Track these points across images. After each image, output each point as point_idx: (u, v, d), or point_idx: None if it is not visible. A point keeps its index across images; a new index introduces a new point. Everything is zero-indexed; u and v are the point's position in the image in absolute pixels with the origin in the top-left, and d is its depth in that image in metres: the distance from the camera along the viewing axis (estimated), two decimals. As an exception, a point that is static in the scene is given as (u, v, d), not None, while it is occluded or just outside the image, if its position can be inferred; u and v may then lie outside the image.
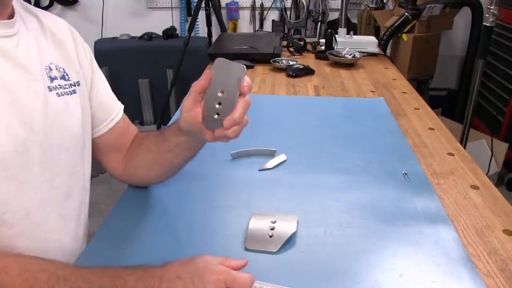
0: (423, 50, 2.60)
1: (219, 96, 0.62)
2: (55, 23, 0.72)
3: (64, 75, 0.69)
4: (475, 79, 1.93)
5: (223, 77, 0.62)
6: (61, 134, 0.66)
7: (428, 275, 0.64)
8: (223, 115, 0.63)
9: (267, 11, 3.24)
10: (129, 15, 3.23)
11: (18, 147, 0.59)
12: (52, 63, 0.68)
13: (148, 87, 2.98)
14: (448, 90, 3.16)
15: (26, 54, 0.62)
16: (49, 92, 0.65)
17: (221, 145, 1.08)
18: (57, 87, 0.67)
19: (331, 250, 0.70)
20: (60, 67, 0.69)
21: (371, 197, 0.85)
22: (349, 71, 1.75)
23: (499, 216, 0.79)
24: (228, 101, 0.62)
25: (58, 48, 0.70)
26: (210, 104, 0.63)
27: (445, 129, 1.18)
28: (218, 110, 0.63)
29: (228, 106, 0.62)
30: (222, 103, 0.62)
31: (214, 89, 0.62)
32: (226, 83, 0.62)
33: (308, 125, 1.21)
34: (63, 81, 0.68)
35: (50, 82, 0.66)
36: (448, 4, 2.52)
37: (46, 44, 0.68)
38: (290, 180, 0.91)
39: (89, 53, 0.78)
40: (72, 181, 0.71)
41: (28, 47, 0.63)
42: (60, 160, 0.67)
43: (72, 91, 0.70)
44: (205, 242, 0.72)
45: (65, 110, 0.68)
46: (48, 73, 0.66)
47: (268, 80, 1.62)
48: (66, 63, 0.71)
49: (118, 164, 0.83)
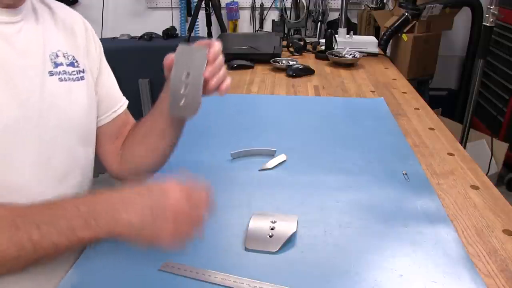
0: (423, 50, 2.60)
1: (184, 80, 0.62)
2: (68, 14, 0.77)
3: (73, 62, 0.73)
4: (475, 79, 1.93)
5: (186, 61, 0.62)
6: (59, 116, 0.68)
7: (428, 275, 0.64)
8: (188, 99, 0.62)
9: (267, 11, 3.24)
10: (129, 15, 3.23)
11: (10, 127, 0.60)
12: (60, 50, 0.71)
13: (148, 87, 2.98)
14: (448, 90, 3.16)
15: (27, 40, 0.65)
16: (50, 77, 0.68)
17: (221, 145, 1.08)
18: (61, 72, 0.70)
19: (331, 250, 0.70)
20: (69, 55, 0.73)
21: (371, 197, 0.85)
22: (349, 71, 1.75)
23: (499, 216, 0.79)
24: (194, 83, 0.62)
25: (68, 37, 0.74)
26: (176, 88, 0.63)
27: (445, 129, 1.18)
28: (184, 94, 0.63)
29: (193, 89, 0.62)
30: (188, 87, 0.62)
31: (179, 74, 0.62)
32: (190, 66, 0.62)
33: (308, 125, 1.21)
34: (70, 68, 0.72)
35: (54, 67, 0.69)
36: (448, 4, 2.52)
37: (56, 32, 0.72)
38: (290, 180, 0.91)
39: (99, 47, 0.81)
40: (69, 163, 0.71)
41: (32, 34, 0.67)
42: (57, 143, 0.68)
43: (80, 77, 0.74)
44: (205, 242, 0.71)
45: (66, 94, 0.70)
46: (54, 59, 0.70)
47: (268, 80, 1.62)
48: (76, 51, 0.74)
49: (114, 157, 0.84)
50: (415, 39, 2.53)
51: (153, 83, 2.98)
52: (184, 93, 0.63)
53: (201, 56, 0.63)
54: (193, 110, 0.66)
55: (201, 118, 0.83)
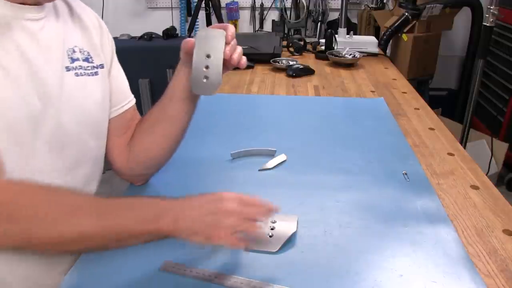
0: (423, 50, 2.60)
1: (205, 60, 0.68)
2: (84, 10, 0.80)
3: (88, 58, 0.76)
4: (475, 79, 1.93)
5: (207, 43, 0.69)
6: (74, 110, 0.72)
7: (428, 275, 0.64)
8: (210, 77, 0.69)
9: (267, 11, 3.24)
10: (129, 15, 3.23)
11: (32, 117, 0.64)
12: (76, 46, 0.74)
13: (148, 87, 2.98)
14: (448, 90, 3.16)
15: (49, 36, 0.69)
16: (67, 72, 0.71)
17: (221, 145, 1.08)
18: (77, 67, 0.73)
19: (331, 250, 0.70)
20: (85, 50, 0.76)
21: (371, 197, 0.85)
22: (349, 71, 1.75)
23: (499, 216, 0.79)
24: (215, 63, 0.68)
25: (84, 33, 0.77)
26: (199, 68, 0.69)
27: (445, 129, 1.18)
28: (206, 73, 0.69)
29: (215, 68, 0.69)
30: (210, 66, 0.69)
31: (200, 54, 0.69)
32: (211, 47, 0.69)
33: (308, 125, 1.21)
34: (85, 63, 0.75)
35: (71, 62, 0.72)
36: (448, 4, 2.52)
37: (73, 28, 0.75)
38: (290, 180, 0.91)
39: (111, 44, 0.84)
40: (81, 154, 0.75)
41: (53, 30, 0.70)
42: (70, 134, 0.72)
43: (94, 72, 0.77)
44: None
45: (81, 89, 0.73)
46: (71, 54, 0.73)
47: (268, 80, 1.62)
48: (91, 47, 0.77)
49: (121, 152, 0.85)
50: (415, 39, 2.53)
51: (153, 83, 2.98)
52: (206, 73, 0.69)
53: (220, 38, 0.69)
54: (214, 88, 0.71)
55: (201, 118, 0.83)
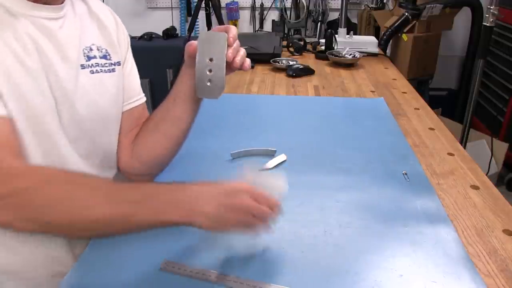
0: (423, 50, 2.60)
1: (208, 63, 0.68)
2: (101, 8, 0.81)
3: (106, 55, 0.78)
4: (475, 79, 1.93)
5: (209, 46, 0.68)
6: (89, 106, 0.74)
7: (428, 275, 0.64)
8: (214, 81, 0.69)
9: (267, 11, 3.24)
10: (129, 15, 3.23)
11: (50, 110, 0.68)
12: (94, 44, 0.77)
13: (148, 87, 2.98)
14: (448, 90, 3.16)
15: (67, 35, 0.71)
16: (82, 70, 0.73)
17: (221, 145, 1.08)
18: (93, 65, 0.75)
19: (331, 250, 0.70)
20: (103, 48, 0.78)
21: (371, 197, 0.85)
22: (349, 71, 1.75)
23: (499, 216, 0.79)
24: (218, 67, 0.68)
25: (102, 32, 0.79)
26: (202, 72, 0.69)
27: (445, 129, 1.18)
28: (209, 77, 0.69)
29: (218, 71, 0.68)
30: (213, 70, 0.68)
31: (203, 58, 0.68)
32: (213, 50, 0.68)
33: (308, 125, 1.21)
34: (103, 60, 0.77)
35: (87, 60, 0.75)
36: (448, 4, 2.52)
37: (91, 27, 0.78)
38: (290, 180, 0.91)
39: (127, 39, 0.86)
40: (92, 147, 0.78)
41: (71, 29, 0.72)
42: (83, 128, 0.74)
43: (112, 69, 0.79)
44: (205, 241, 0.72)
45: (97, 86, 0.76)
46: (88, 52, 0.75)
47: (268, 80, 1.62)
48: (109, 45, 0.80)
49: (125, 150, 0.86)
50: (415, 39, 2.53)
51: (153, 83, 2.98)
52: (209, 76, 0.69)
53: (222, 41, 0.68)
54: (218, 91, 0.71)
55: (201, 118, 0.83)
